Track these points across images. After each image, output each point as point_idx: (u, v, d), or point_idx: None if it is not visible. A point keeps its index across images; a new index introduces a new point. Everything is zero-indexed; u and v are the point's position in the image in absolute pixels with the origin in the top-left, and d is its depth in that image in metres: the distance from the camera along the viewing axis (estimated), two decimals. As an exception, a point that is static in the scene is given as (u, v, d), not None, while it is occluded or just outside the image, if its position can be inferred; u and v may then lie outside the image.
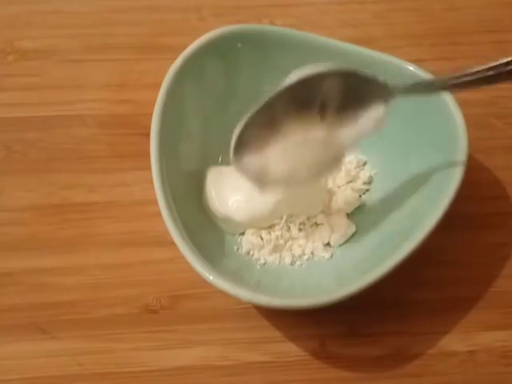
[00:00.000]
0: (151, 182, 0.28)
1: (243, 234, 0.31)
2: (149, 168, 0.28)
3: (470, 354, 0.29)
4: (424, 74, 0.30)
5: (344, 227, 0.30)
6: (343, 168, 0.32)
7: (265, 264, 0.30)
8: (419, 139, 0.31)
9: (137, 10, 0.40)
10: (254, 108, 0.26)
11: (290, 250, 0.31)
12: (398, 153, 0.32)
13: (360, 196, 0.32)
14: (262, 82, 0.33)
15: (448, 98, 0.29)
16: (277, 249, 0.31)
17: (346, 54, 0.31)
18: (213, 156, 0.32)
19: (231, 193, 0.30)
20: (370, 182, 0.33)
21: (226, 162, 0.32)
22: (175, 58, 0.30)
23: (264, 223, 0.31)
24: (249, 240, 0.31)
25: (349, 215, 0.31)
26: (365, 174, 0.32)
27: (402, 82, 0.27)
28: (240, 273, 0.29)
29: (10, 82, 0.37)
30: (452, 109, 0.29)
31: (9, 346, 0.29)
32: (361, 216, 0.31)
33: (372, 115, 0.26)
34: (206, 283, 0.25)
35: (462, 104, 0.29)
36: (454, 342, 0.29)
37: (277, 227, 0.31)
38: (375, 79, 0.26)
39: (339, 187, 0.32)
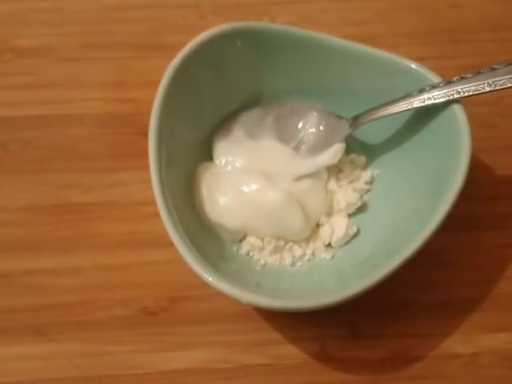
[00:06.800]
0: (149, 181, 0.27)
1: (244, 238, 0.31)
2: (147, 168, 0.28)
3: (473, 356, 0.29)
4: (426, 72, 0.29)
5: (345, 228, 0.30)
6: (345, 168, 0.32)
7: (265, 265, 0.30)
8: (421, 138, 0.30)
9: (135, 7, 0.39)
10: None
11: (291, 250, 0.30)
12: (400, 152, 0.31)
13: (362, 196, 0.32)
14: (261, 81, 0.33)
15: (451, 97, 0.28)
16: (277, 250, 0.30)
17: (348, 52, 0.31)
18: (211, 155, 0.32)
19: (222, 197, 0.30)
20: (371, 181, 0.32)
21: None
22: (174, 56, 0.30)
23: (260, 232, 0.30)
24: (248, 241, 0.30)
25: (350, 215, 0.31)
26: (366, 174, 0.32)
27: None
28: (240, 274, 0.29)
29: (6, 81, 0.36)
30: (455, 108, 0.28)
31: (5, 349, 0.29)
32: (362, 216, 0.31)
33: (331, 151, 0.31)
34: (205, 285, 0.25)
35: (466, 103, 0.29)
36: (457, 344, 0.29)
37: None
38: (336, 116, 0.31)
39: (341, 187, 0.31)
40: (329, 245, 0.30)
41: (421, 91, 0.29)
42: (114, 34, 0.38)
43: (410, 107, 0.29)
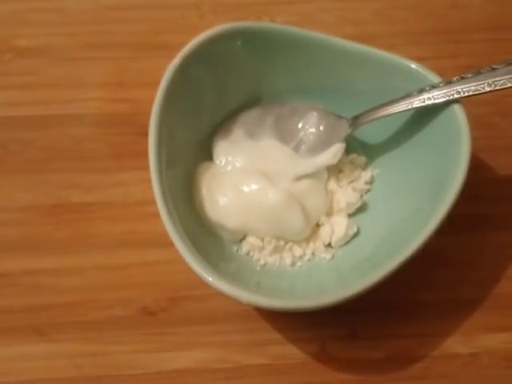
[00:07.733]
0: (149, 181, 0.27)
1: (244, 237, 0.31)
2: (147, 168, 0.28)
3: (473, 356, 0.29)
4: (426, 72, 0.29)
5: (345, 228, 0.30)
6: (345, 168, 0.32)
7: (265, 265, 0.30)
8: (421, 138, 0.30)
9: (135, 7, 0.39)
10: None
11: (291, 250, 0.30)
12: (400, 152, 0.31)
13: (362, 196, 0.32)
14: (261, 80, 0.33)
15: (451, 97, 0.28)
16: (277, 250, 0.30)
17: (348, 52, 0.31)
18: (211, 155, 0.32)
19: (222, 197, 0.30)
20: (371, 181, 0.32)
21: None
22: (174, 56, 0.30)
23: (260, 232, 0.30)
24: (248, 241, 0.30)
25: (350, 215, 0.31)
26: (366, 174, 0.32)
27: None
28: (240, 274, 0.29)
29: (7, 81, 0.36)
30: (455, 108, 0.28)
31: (5, 349, 0.29)
32: (362, 216, 0.31)
33: (331, 151, 0.31)
34: (205, 285, 0.25)
35: (465, 103, 0.29)
36: (457, 344, 0.29)
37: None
38: (336, 116, 0.31)
39: (341, 187, 0.31)
40: (329, 245, 0.30)
41: (421, 91, 0.29)
42: (114, 33, 0.38)
43: (410, 107, 0.29)
